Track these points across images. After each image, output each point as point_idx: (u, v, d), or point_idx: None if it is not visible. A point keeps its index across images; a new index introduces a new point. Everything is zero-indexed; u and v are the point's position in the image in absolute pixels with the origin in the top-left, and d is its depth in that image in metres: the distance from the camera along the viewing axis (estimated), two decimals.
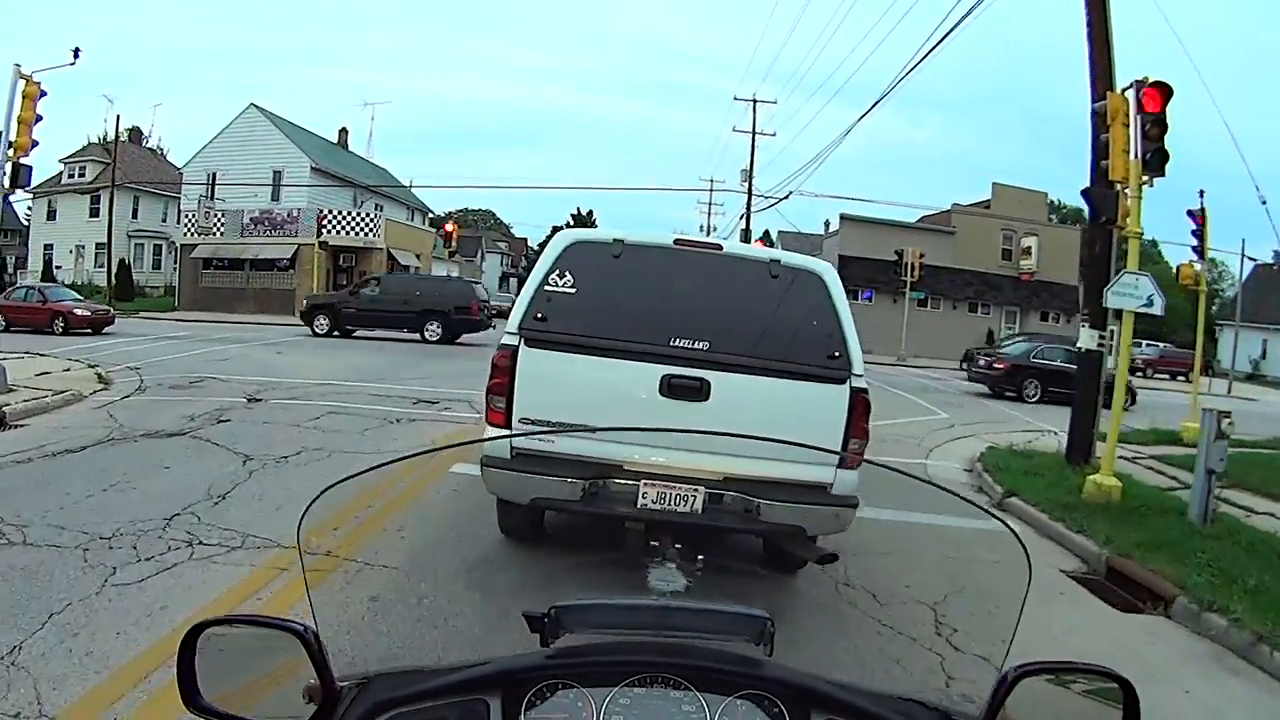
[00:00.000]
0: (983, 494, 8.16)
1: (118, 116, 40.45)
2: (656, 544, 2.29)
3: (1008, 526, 1.50)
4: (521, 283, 12.17)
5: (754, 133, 37.52)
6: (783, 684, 1.14)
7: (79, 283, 32.11)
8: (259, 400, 10.20)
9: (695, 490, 3.85)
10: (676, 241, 4.25)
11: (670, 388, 3.95)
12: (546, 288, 4.11)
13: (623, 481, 3.90)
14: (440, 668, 1.22)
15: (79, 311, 21.00)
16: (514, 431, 4.03)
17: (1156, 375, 36.24)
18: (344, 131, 44.40)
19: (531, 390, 4.04)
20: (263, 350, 17.34)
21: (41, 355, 13.68)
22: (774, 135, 40.63)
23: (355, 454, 7.35)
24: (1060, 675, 1.12)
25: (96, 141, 40.96)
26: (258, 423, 8.69)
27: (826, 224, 52.38)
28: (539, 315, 4.08)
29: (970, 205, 39.74)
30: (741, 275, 4.23)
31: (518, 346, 4.07)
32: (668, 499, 3.85)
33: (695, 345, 3.99)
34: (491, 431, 4.07)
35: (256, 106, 35.03)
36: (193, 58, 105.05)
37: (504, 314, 33.92)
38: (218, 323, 26.36)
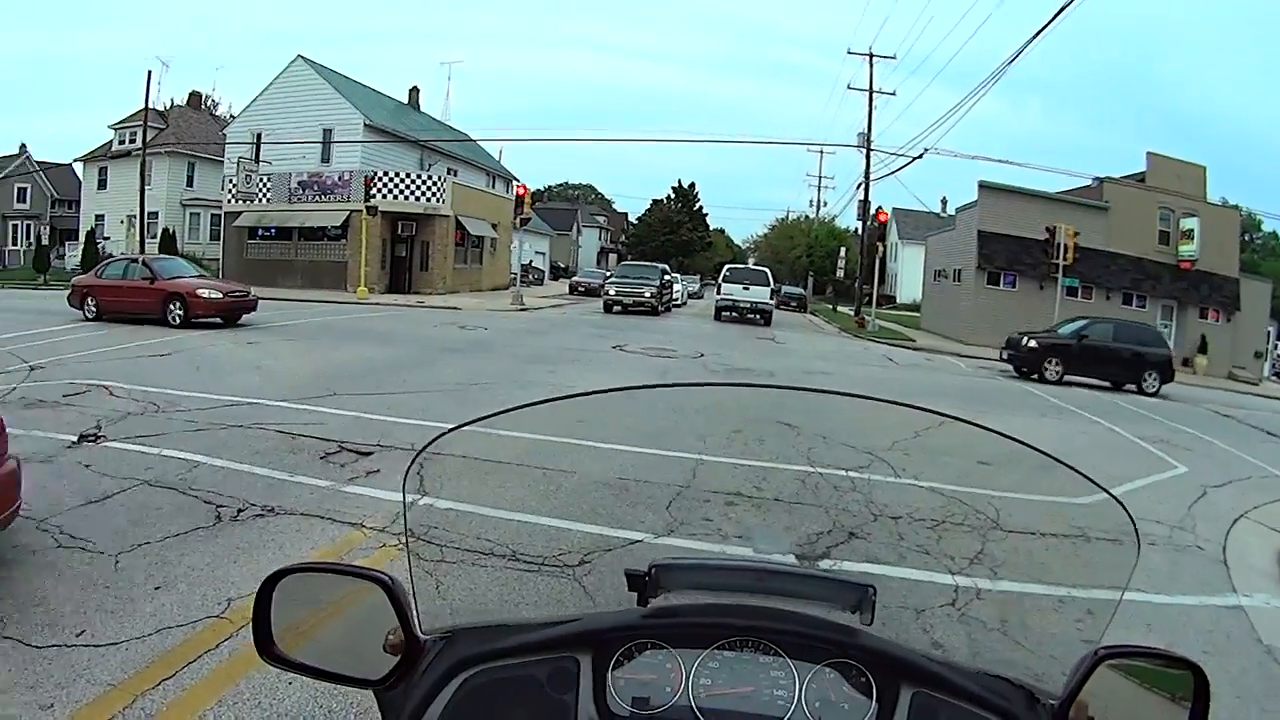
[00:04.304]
0: None
1: (149, 72, 38.38)
2: (737, 314, 27.79)
3: (1112, 496, 1.22)
4: (620, 257, 67.00)
5: (871, 90, 32.27)
6: (874, 654, 1.08)
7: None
8: (93, 439, 6.33)
9: (746, 302, 27.75)
10: (743, 265, 38.29)
11: (744, 289, 27.99)
12: (724, 272, 29.66)
13: (733, 302, 28.03)
14: (529, 623, 1.16)
15: (204, 294, 14.98)
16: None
17: None
18: (415, 91, 40.39)
19: (722, 290, 28.46)
20: (234, 342, 13.76)
21: None
22: (893, 94, 35.34)
23: None
24: (1140, 660, 1.02)
25: (151, 107, 38.89)
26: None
27: (944, 201, 46.55)
28: (723, 276, 29.13)
29: (1124, 178, 32.87)
30: (753, 270, 30.97)
31: (720, 281, 29.07)
32: (742, 303, 27.77)
33: (746, 282, 28.41)
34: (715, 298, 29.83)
35: (304, 58, 31.45)
36: (276, 39, 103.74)
37: (592, 290, 33.02)
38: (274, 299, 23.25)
